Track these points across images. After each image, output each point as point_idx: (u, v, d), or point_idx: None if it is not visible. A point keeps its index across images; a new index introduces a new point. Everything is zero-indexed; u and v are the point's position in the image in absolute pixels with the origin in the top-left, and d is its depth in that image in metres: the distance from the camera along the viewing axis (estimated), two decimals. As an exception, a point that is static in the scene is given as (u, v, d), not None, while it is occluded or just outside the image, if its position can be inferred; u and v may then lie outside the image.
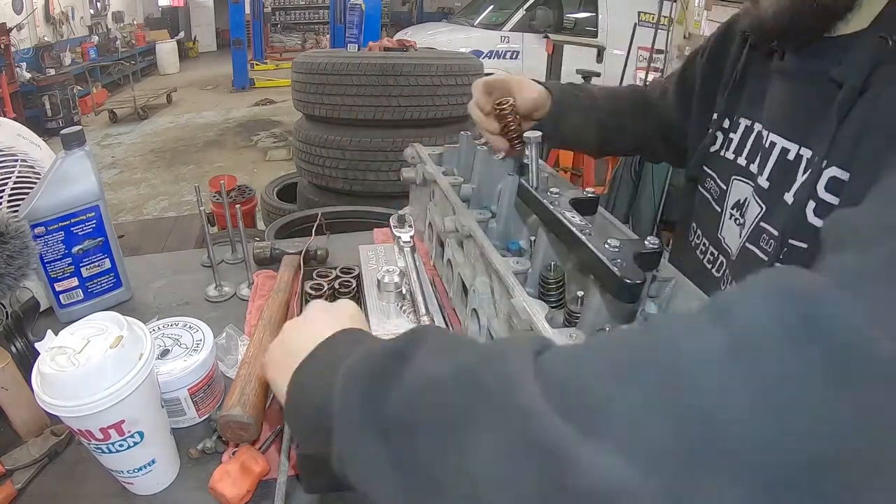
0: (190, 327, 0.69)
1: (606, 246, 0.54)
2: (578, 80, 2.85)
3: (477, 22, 5.82)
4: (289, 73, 2.68)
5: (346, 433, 0.34)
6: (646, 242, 0.56)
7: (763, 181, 0.61)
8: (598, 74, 3.44)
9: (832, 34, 0.54)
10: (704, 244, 0.76)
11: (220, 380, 0.70)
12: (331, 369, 0.37)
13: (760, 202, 0.62)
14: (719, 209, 0.72)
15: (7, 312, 0.72)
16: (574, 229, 0.59)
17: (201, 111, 7.05)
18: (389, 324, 0.74)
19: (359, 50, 2.79)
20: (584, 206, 0.67)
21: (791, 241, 0.56)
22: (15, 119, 1.03)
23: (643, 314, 0.62)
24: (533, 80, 0.85)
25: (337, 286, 0.80)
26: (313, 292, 0.79)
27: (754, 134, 0.67)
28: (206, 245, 0.95)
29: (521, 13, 5.51)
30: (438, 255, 0.93)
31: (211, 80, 8.87)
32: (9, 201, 0.81)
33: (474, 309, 0.72)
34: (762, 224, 0.61)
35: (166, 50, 9.61)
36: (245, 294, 0.93)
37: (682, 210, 0.88)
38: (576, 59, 3.94)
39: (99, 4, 8.78)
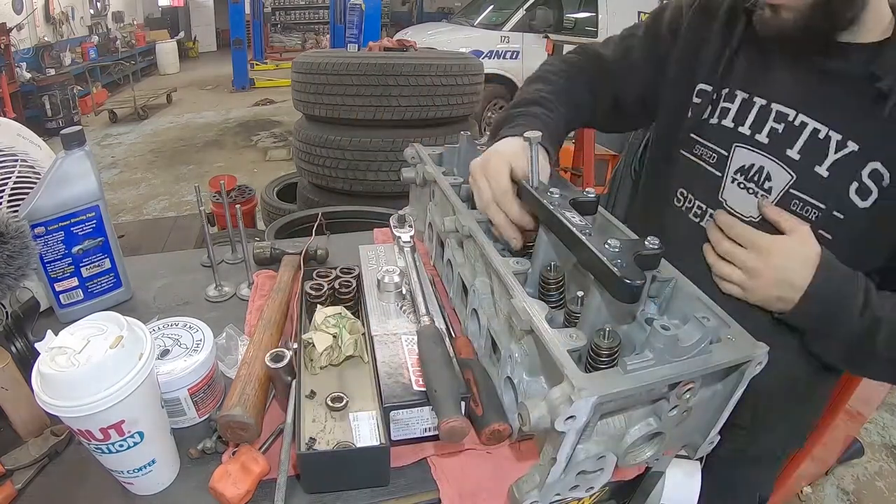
0: (190, 327, 0.69)
1: (606, 246, 0.54)
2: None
3: (477, 22, 5.82)
4: (289, 73, 2.68)
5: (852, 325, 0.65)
6: (646, 243, 0.56)
7: (793, 154, 0.70)
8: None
9: (840, 39, 0.66)
10: (700, 207, 0.81)
11: (220, 380, 0.70)
12: (847, 284, 0.65)
13: (791, 171, 0.70)
14: (719, 174, 0.78)
15: (7, 312, 0.72)
16: (574, 229, 0.59)
17: (201, 111, 7.06)
18: (389, 324, 0.74)
19: (359, 50, 2.79)
20: (584, 207, 0.67)
21: (833, 212, 0.67)
22: (15, 119, 1.03)
23: (643, 314, 0.62)
24: (509, 135, 0.78)
25: (337, 286, 0.80)
26: (313, 292, 0.79)
27: (757, 107, 0.74)
28: (206, 245, 0.95)
29: (521, 13, 5.50)
30: (438, 255, 0.93)
31: (211, 80, 8.88)
32: (9, 201, 0.81)
33: (474, 309, 0.72)
34: (792, 191, 0.70)
35: (166, 50, 9.62)
36: (245, 294, 0.93)
37: (652, 176, 0.93)
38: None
39: (99, 4, 8.79)
